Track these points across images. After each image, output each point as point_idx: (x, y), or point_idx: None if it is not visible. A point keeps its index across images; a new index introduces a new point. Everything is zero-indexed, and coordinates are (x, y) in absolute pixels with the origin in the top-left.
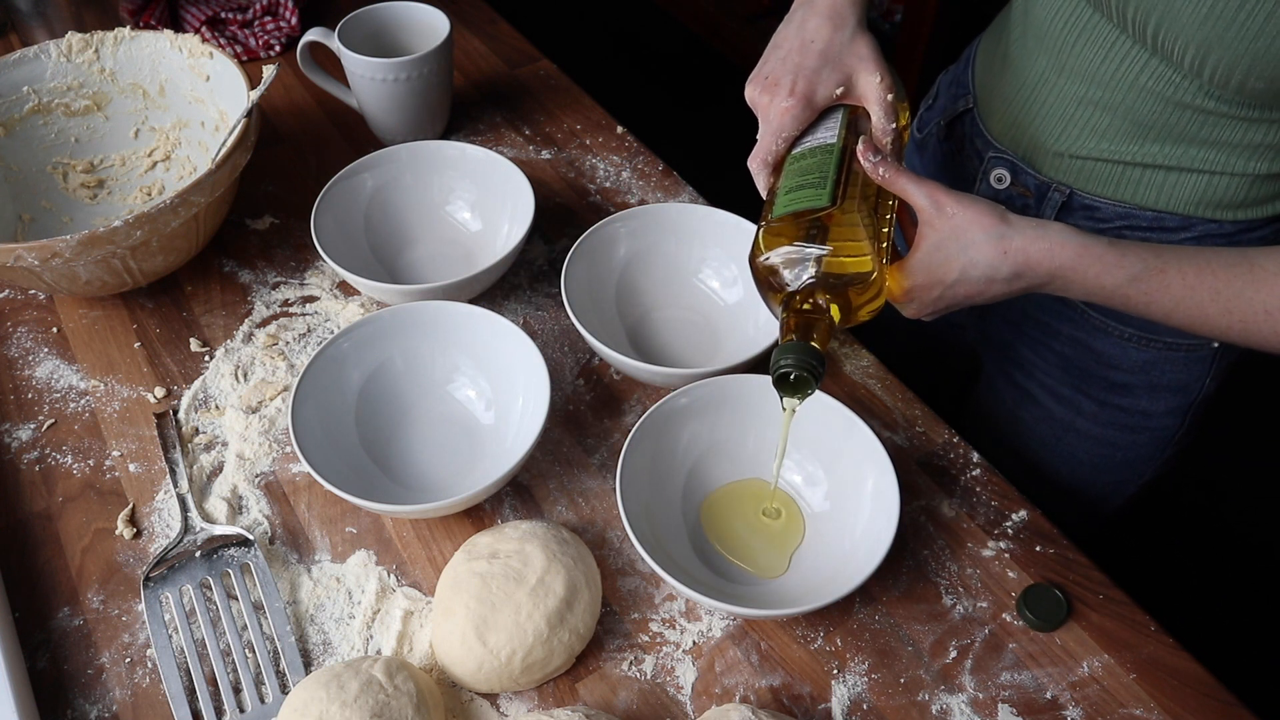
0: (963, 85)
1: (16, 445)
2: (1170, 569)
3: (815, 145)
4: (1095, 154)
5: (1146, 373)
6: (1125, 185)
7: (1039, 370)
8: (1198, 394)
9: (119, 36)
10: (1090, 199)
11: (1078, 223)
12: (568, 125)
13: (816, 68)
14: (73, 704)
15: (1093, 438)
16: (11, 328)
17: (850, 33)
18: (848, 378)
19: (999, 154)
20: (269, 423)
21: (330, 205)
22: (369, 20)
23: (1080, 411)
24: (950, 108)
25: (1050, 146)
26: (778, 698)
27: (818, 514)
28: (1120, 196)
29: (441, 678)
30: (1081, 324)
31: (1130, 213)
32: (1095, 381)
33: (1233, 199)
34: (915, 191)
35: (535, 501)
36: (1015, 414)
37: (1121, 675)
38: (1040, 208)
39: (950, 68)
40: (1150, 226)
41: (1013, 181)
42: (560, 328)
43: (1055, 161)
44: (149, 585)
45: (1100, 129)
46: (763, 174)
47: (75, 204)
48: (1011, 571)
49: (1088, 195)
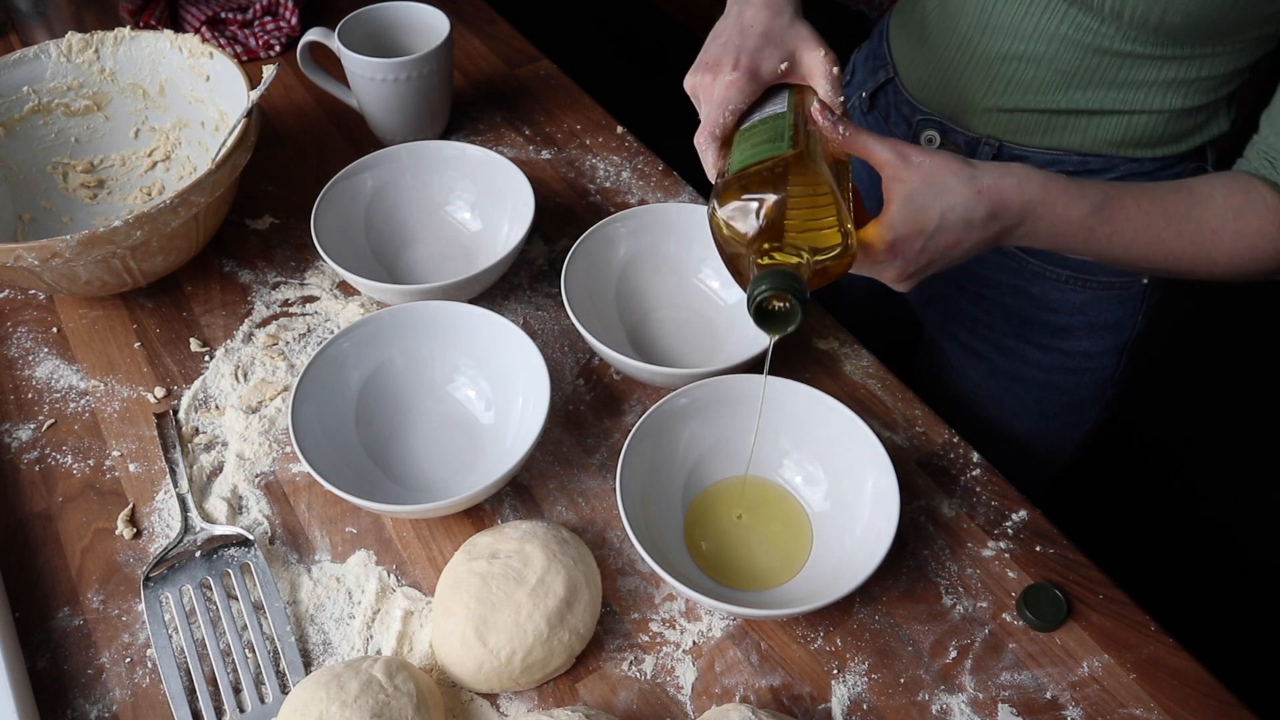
0: (880, 58)
1: (16, 445)
2: (1170, 569)
3: (765, 116)
4: (1023, 105)
5: (1084, 313)
6: (1052, 132)
7: (982, 325)
8: (1131, 331)
9: (119, 36)
10: (1019, 149)
11: None
12: (568, 125)
13: (758, 46)
14: (73, 704)
15: (1039, 384)
16: (11, 328)
17: (789, 18)
18: (848, 378)
19: (926, 116)
20: (269, 423)
21: (330, 205)
22: (369, 20)
23: (1025, 360)
24: (870, 80)
25: (978, 103)
26: (778, 698)
27: (818, 514)
28: (1048, 144)
29: (441, 678)
30: (1021, 272)
31: (1058, 158)
32: (1037, 327)
33: (1152, 136)
34: (878, 147)
35: (535, 501)
36: (961, 371)
37: (1121, 675)
38: None
39: (863, 45)
40: (1076, 170)
41: (943, 141)
42: (560, 328)
43: (984, 117)
44: (149, 585)
45: (1026, 82)
46: (711, 149)
47: (75, 204)
48: (1011, 571)
49: (1017, 146)
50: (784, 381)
